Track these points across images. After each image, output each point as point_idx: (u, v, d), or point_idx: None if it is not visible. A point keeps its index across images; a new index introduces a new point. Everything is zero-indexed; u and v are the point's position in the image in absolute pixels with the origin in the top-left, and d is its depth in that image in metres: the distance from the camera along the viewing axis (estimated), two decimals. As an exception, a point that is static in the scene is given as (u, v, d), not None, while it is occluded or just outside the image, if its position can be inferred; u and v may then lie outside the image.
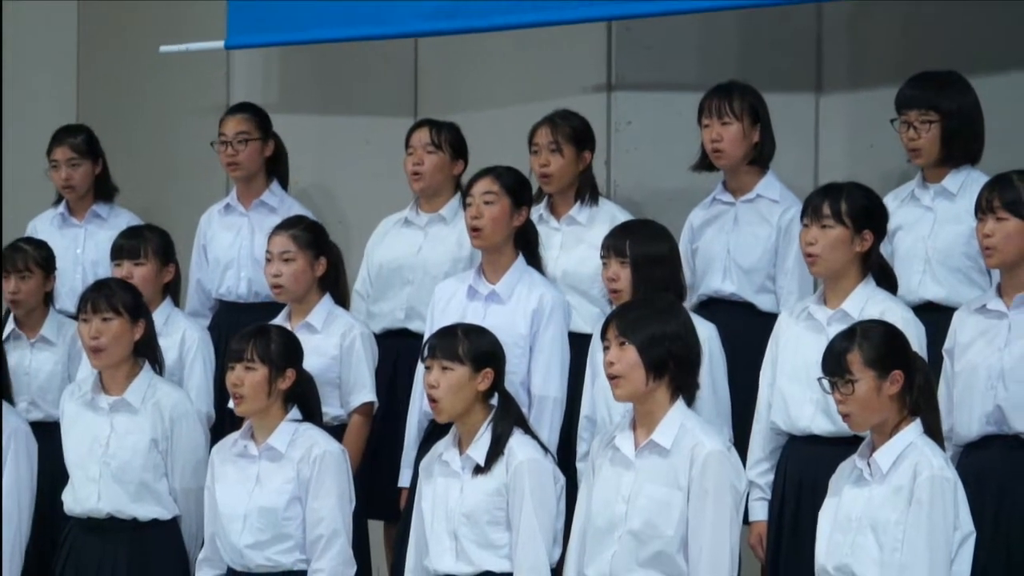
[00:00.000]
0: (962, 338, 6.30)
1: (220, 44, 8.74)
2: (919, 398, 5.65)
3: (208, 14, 8.75)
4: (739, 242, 7.25)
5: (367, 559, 7.03)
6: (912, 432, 5.60)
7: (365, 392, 7.35)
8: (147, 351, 6.97)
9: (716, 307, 7.13)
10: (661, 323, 5.85)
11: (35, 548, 7.20)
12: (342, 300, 7.48)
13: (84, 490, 6.86)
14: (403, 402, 7.25)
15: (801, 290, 7.02)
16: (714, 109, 7.24)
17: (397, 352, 7.51)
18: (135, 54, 9.26)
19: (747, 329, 6.95)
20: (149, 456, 6.85)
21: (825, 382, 5.68)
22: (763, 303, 7.20)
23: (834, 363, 5.63)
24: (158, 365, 7.02)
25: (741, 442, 6.48)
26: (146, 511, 6.84)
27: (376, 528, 7.57)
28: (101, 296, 6.92)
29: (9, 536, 6.94)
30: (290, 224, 7.46)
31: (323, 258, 7.37)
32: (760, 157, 7.28)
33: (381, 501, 7.22)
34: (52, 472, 7.06)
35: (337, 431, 6.97)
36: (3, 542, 6.92)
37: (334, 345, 7.29)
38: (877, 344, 5.63)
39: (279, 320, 7.22)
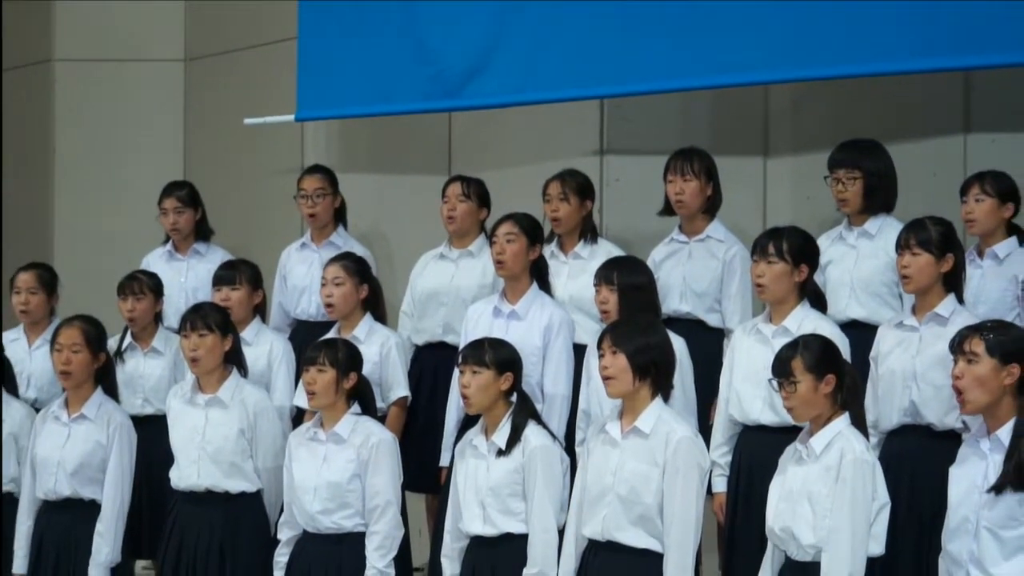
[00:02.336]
0: (884, 348, 6.30)
1: (291, 117, 8.70)
2: (847, 396, 5.62)
3: (289, 92, 8.72)
4: (693, 272, 7.20)
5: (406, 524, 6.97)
6: (841, 423, 5.57)
7: (400, 389, 7.36)
8: (235, 359, 6.96)
9: (675, 323, 7.01)
10: (646, 337, 5.87)
11: (148, 515, 7.25)
12: (381, 318, 7.45)
13: (186, 469, 6.85)
14: (442, 399, 7.23)
15: (742, 310, 7.00)
16: (678, 168, 7.21)
17: (437, 360, 7.47)
18: (230, 123, 9.20)
19: (699, 341, 6.87)
20: (237, 442, 6.82)
21: (774, 383, 5.66)
22: (711, 320, 7.16)
23: (781, 368, 5.61)
24: (243, 370, 6.99)
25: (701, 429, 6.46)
26: (236, 485, 6.82)
27: (421, 499, 7.60)
28: (198, 317, 6.92)
29: (115, 508, 6.95)
30: (341, 257, 7.48)
31: (366, 284, 7.37)
32: (711, 207, 7.25)
33: (426, 478, 7.20)
34: (161, 455, 7.02)
35: (379, 420, 6.89)
36: (106, 513, 6.92)
37: (375, 353, 7.26)
38: (815, 353, 5.60)
39: (331, 334, 7.20)
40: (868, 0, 7.04)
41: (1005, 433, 5.35)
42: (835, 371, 5.62)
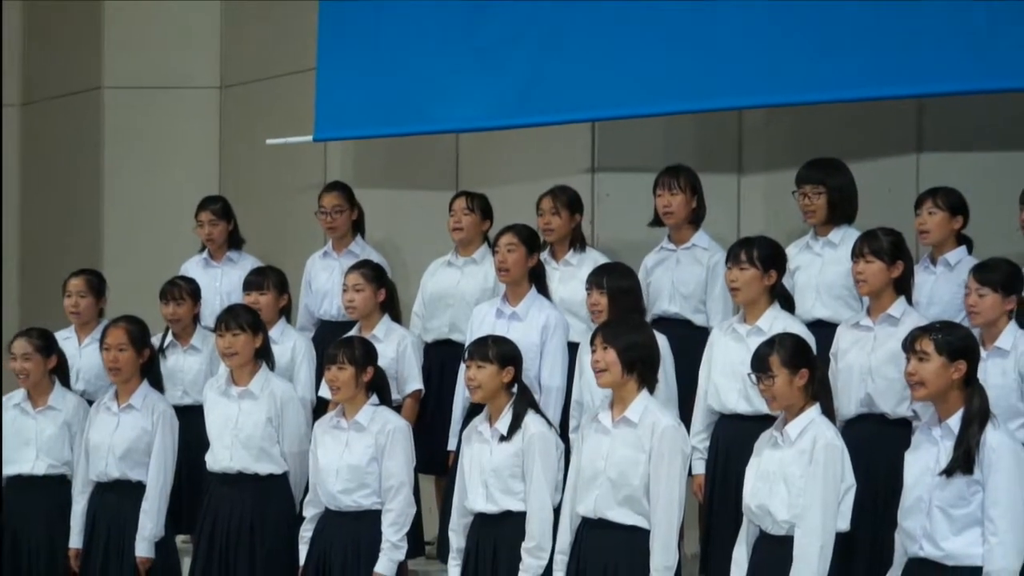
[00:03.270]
0: (842, 345, 6.29)
1: (310, 138, 8.67)
2: (818, 388, 5.61)
3: (312, 115, 8.68)
4: (680, 277, 7.18)
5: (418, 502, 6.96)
6: (813, 412, 5.56)
7: (415, 382, 7.34)
8: (264, 355, 6.96)
9: (664, 323, 7.02)
10: (635, 335, 5.88)
11: (187, 495, 7.21)
12: (397, 318, 7.43)
13: (220, 454, 6.85)
14: (449, 391, 7.21)
15: (724, 311, 6.97)
16: (666, 184, 7.19)
17: (444, 356, 7.44)
18: (260, 144, 9.17)
19: (686, 338, 6.86)
20: (266, 429, 6.82)
21: (752, 376, 5.64)
22: (697, 320, 7.13)
23: (759, 363, 5.60)
24: (271, 364, 6.98)
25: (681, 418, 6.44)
26: (264, 468, 6.83)
27: (432, 480, 7.59)
28: (231, 317, 6.92)
29: (157, 488, 6.95)
30: (360, 264, 7.46)
31: (383, 289, 7.35)
32: (696, 218, 7.22)
33: (435, 461, 7.17)
34: (199, 441, 7.01)
35: (395, 410, 6.87)
36: (150, 493, 6.93)
37: (392, 350, 7.24)
38: (790, 350, 5.59)
39: (352, 333, 7.19)
40: (831, 35, 7.03)
41: (954, 422, 5.33)
42: (808, 366, 5.61)
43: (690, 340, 6.82)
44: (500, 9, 7.95)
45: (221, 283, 8.24)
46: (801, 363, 5.58)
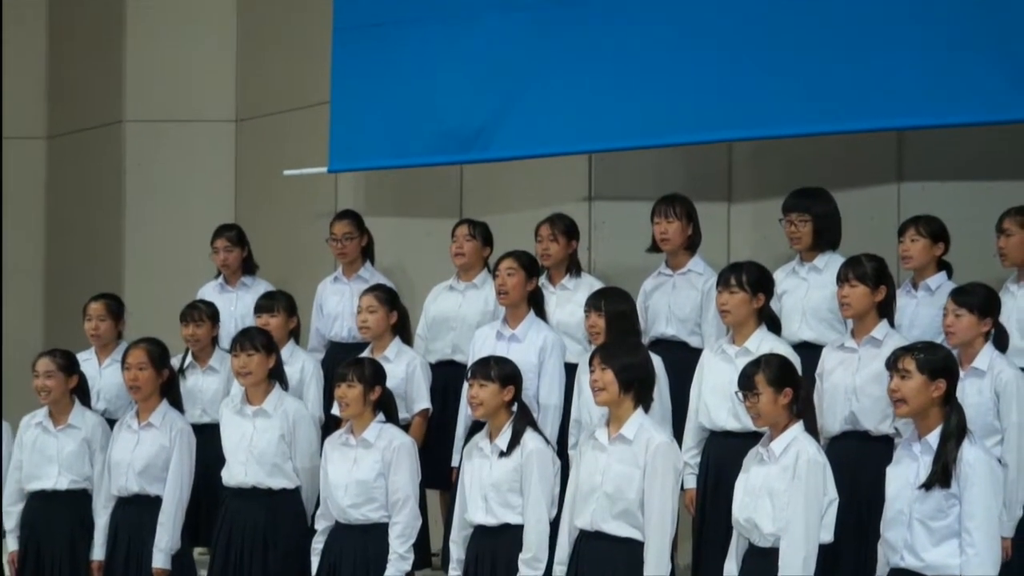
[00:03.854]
0: (828, 366, 6.29)
1: (324, 169, 8.68)
2: (802, 406, 5.63)
3: (323, 147, 8.70)
4: (677, 301, 7.18)
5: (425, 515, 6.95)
6: (797, 429, 5.57)
7: (423, 402, 7.31)
8: (277, 375, 6.94)
9: (661, 345, 7.05)
10: (631, 356, 5.89)
11: (205, 509, 7.18)
12: (408, 340, 7.43)
13: (235, 469, 6.83)
14: (452, 409, 7.21)
15: (718, 333, 6.93)
16: (662, 212, 7.20)
17: (446, 376, 7.43)
18: (273, 174, 9.19)
19: (682, 359, 6.87)
20: (279, 446, 6.79)
21: (739, 394, 5.66)
22: (693, 342, 7.13)
23: (746, 381, 5.62)
24: (284, 384, 6.97)
25: (676, 435, 6.42)
26: (277, 482, 6.80)
27: (435, 494, 7.54)
28: (246, 339, 6.91)
29: (173, 502, 6.93)
30: (375, 288, 7.45)
31: (395, 312, 7.34)
32: (691, 244, 7.23)
33: (439, 475, 7.16)
34: (215, 457, 7.00)
35: (403, 428, 6.90)
36: (167, 507, 6.91)
37: (402, 371, 7.23)
38: (775, 369, 5.61)
39: (365, 354, 7.16)
40: (814, 72, 7.05)
41: (934, 438, 5.35)
42: (792, 385, 5.62)
43: (686, 361, 6.80)
44: (504, 49, 7.96)
45: (236, 307, 8.22)
46: (785, 382, 5.60)
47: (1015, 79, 6.61)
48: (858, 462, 6.04)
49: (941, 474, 5.26)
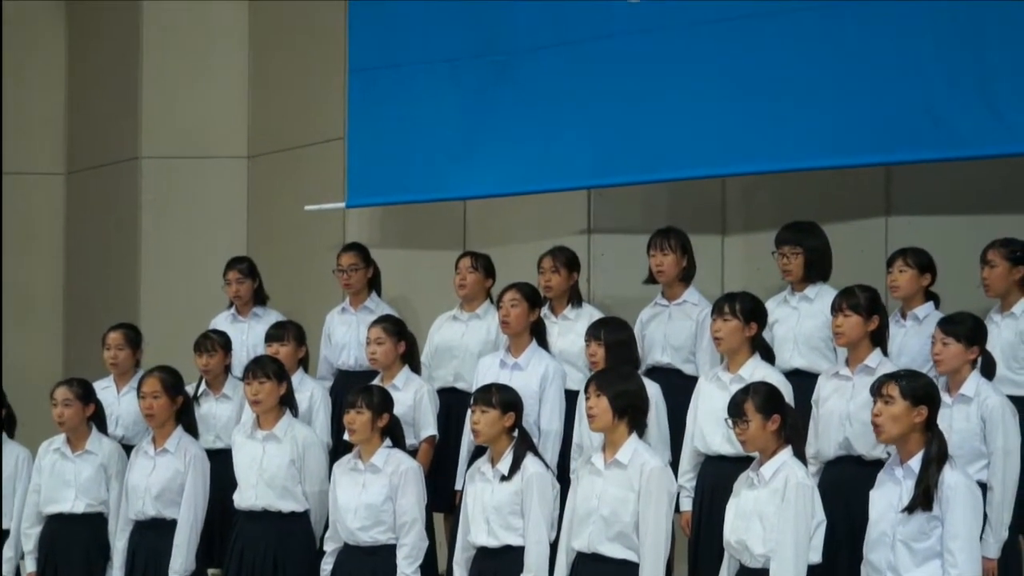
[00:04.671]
0: (823, 393, 6.30)
1: (342, 205, 8.73)
2: (790, 432, 5.65)
3: (332, 183, 8.76)
4: (672, 330, 7.18)
5: (432, 537, 6.97)
6: (785, 455, 5.60)
7: (430, 428, 7.32)
8: (287, 402, 6.96)
9: (657, 372, 7.04)
10: (625, 384, 5.91)
11: (218, 530, 7.17)
12: (416, 369, 7.44)
13: (247, 492, 6.85)
14: (454, 434, 7.24)
15: (712, 361, 6.94)
16: (658, 244, 7.21)
17: (449, 403, 7.43)
18: (284, 208, 9.25)
19: (677, 386, 6.87)
20: (289, 470, 6.82)
21: (729, 421, 5.68)
22: (688, 370, 7.12)
23: (735, 409, 5.65)
24: (294, 411, 7.00)
25: (674, 459, 6.50)
26: (287, 505, 6.82)
27: (440, 517, 7.52)
28: (258, 367, 6.93)
29: (188, 524, 6.95)
30: (383, 319, 7.48)
31: (403, 342, 7.36)
32: (686, 276, 7.23)
33: (443, 499, 7.18)
34: (230, 482, 7.01)
35: (411, 454, 6.91)
36: (181, 529, 6.92)
37: (409, 398, 7.24)
38: (763, 397, 5.64)
39: (375, 382, 7.19)
40: (806, 110, 7.08)
41: (915, 463, 5.38)
42: (780, 412, 5.64)
43: (681, 388, 6.81)
44: (507, 90, 8.01)
45: (247, 336, 8.24)
46: (773, 409, 5.63)
47: (998, 115, 6.61)
48: (852, 486, 6.02)
49: (923, 497, 5.28)
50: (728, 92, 7.28)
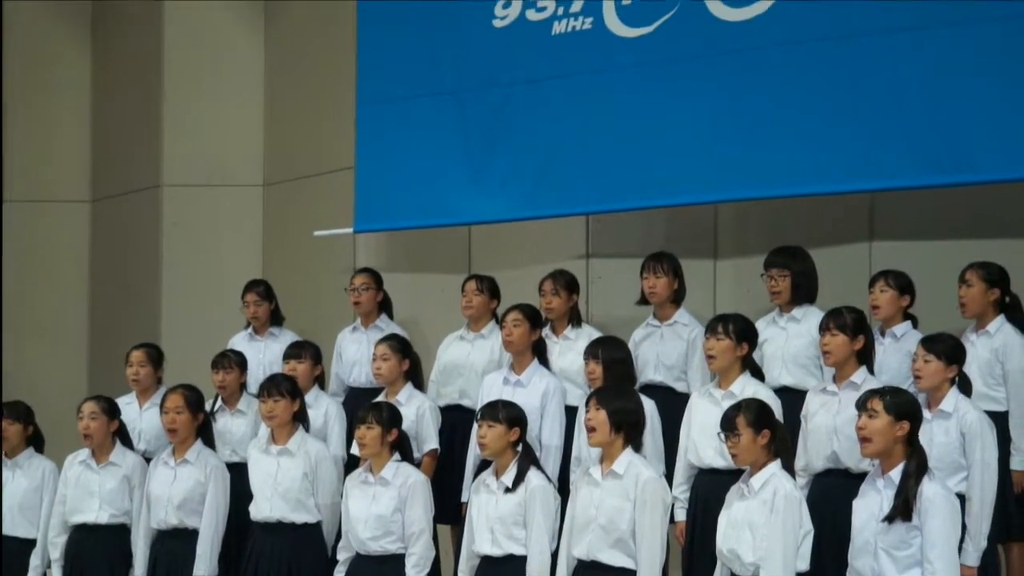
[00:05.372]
0: (811, 409, 6.30)
1: (350, 230, 8.73)
2: (779, 446, 5.68)
3: (343, 209, 8.78)
4: (664, 350, 7.18)
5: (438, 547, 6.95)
6: (774, 467, 5.64)
7: (432, 442, 7.32)
8: (301, 418, 6.99)
9: (650, 389, 7.01)
10: (623, 400, 5.96)
11: (234, 541, 7.18)
12: (419, 386, 7.45)
13: (262, 504, 6.88)
14: (460, 449, 7.24)
15: (703, 379, 6.96)
16: (651, 268, 7.21)
17: (455, 419, 7.43)
18: (298, 234, 9.24)
19: (669, 403, 6.86)
20: (302, 483, 6.84)
21: (722, 435, 5.72)
22: (679, 387, 7.11)
23: (728, 423, 5.69)
24: (307, 426, 7.02)
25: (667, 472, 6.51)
26: (301, 517, 6.84)
27: (447, 529, 7.53)
28: (273, 384, 6.97)
29: (210, 532, 6.97)
30: (389, 337, 7.49)
31: (407, 359, 7.37)
32: (677, 298, 7.24)
33: (450, 511, 7.18)
34: (244, 494, 7.05)
35: (416, 467, 6.89)
36: (203, 537, 6.95)
37: (413, 414, 7.20)
38: (754, 412, 5.67)
39: (380, 398, 7.21)
40: (793, 140, 7.09)
41: (896, 474, 5.41)
42: (769, 427, 5.67)
43: (672, 405, 6.80)
44: (507, 121, 8.03)
45: (264, 355, 8.25)
46: (764, 424, 5.66)
47: (977, 145, 6.62)
48: (839, 497, 5.99)
49: (902, 508, 5.32)
50: (719, 123, 7.30)
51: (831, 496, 6.05)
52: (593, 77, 7.73)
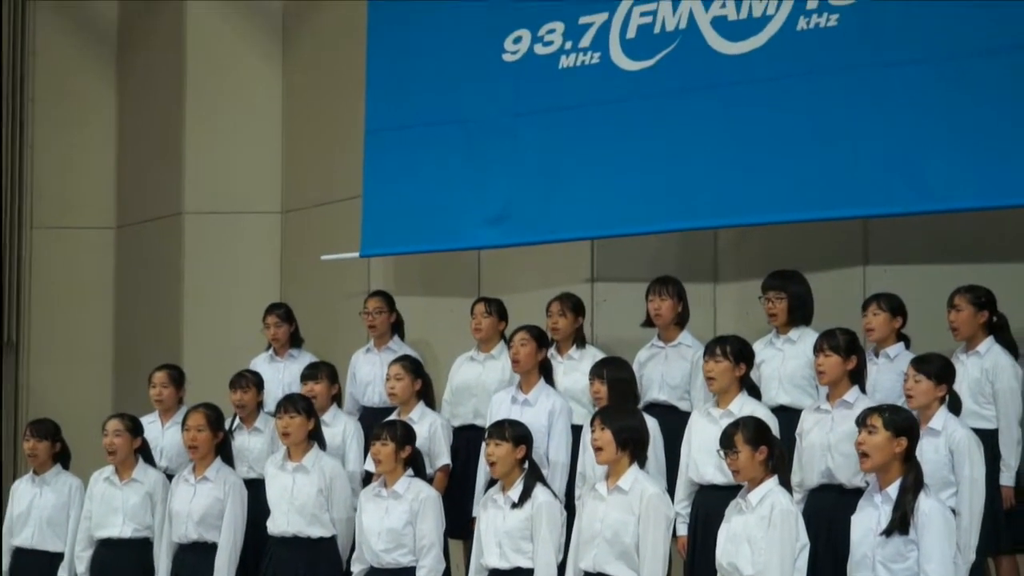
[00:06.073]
0: (806, 426, 6.31)
1: (356, 254, 8.72)
2: (776, 463, 5.68)
3: (357, 235, 8.75)
4: (668, 370, 7.19)
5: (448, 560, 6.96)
6: (771, 483, 5.63)
7: (444, 458, 7.33)
8: (316, 436, 6.99)
9: (654, 408, 7.03)
10: (627, 419, 5.96)
11: (251, 555, 7.17)
12: (431, 404, 7.44)
13: (279, 519, 6.87)
14: (474, 467, 7.21)
15: (705, 398, 6.91)
16: (656, 291, 7.22)
17: (469, 438, 7.42)
18: (314, 259, 9.23)
19: (672, 422, 6.85)
20: (317, 499, 6.83)
21: (721, 452, 5.71)
22: (682, 406, 7.11)
23: (726, 441, 5.68)
24: (322, 444, 7.01)
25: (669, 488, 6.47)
26: (316, 531, 6.83)
27: (458, 544, 7.54)
28: (289, 403, 6.97)
29: (227, 546, 6.97)
30: (402, 358, 7.49)
31: (419, 379, 7.38)
32: (681, 320, 7.25)
33: (461, 526, 7.15)
34: (261, 509, 7.05)
35: (429, 482, 6.90)
36: (222, 551, 6.95)
37: (425, 431, 7.21)
38: (752, 430, 5.67)
39: (392, 416, 7.21)
40: (790, 168, 7.12)
41: (893, 489, 5.41)
42: (766, 444, 5.67)
43: (676, 423, 6.79)
44: (513, 149, 8.04)
45: (283, 375, 8.25)
46: (761, 441, 5.66)
47: (967, 172, 6.64)
48: (833, 512, 6.04)
49: (900, 522, 5.31)
50: (719, 152, 7.32)
51: (825, 511, 6.06)
52: (598, 108, 7.76)
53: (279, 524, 6.85)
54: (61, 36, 10.52)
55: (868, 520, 5.43)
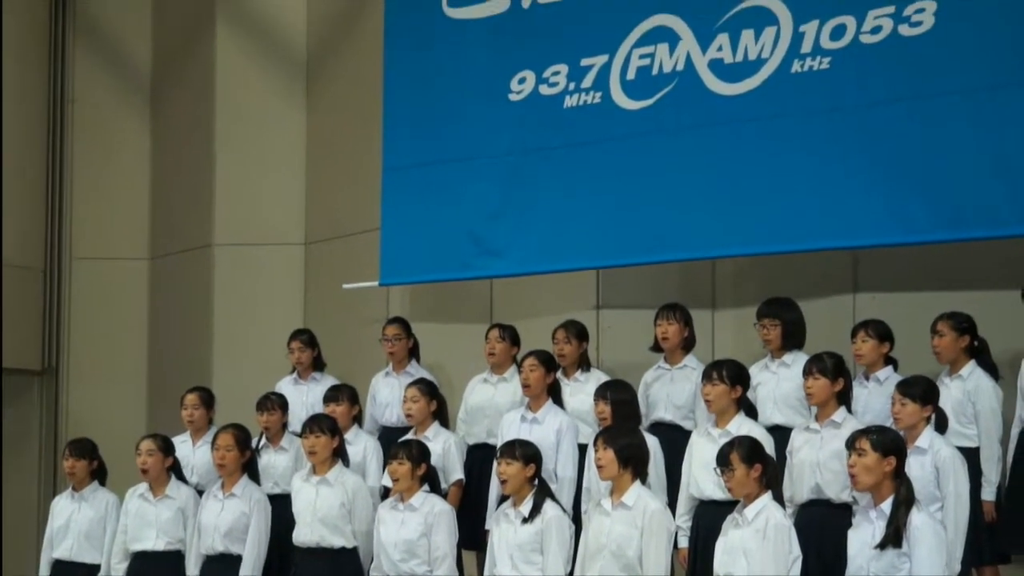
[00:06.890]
0: (796, 445, 6.30)
1: (376, 283, 8.73)
2: (770, 479, 5.69)
3: (376, 265, 8.76)
4: (674, 391, 7.17)
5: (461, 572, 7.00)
6: (766, 499, 5.65)
7: (457, 473, 7.35)
8: (340, 453, 7.00)
9: (660, 428, 7.03)
10: (628, 438, 5.98)
11: (277, 565, 7.18)
12: (445, 424, 7.46)
13: (304, 530, 6.87)
14: (486, 482, 7.21)
15: (709, 417, 6.84)
16: (665, 315, 7.21)
17: (483, 456, 7.40)
18: (336, 287, 9.22)
19: (677, 440, 6.84)
20: (340, 511, 6.83)
21: (718, 469, 5.73)
22: (687, 426, 7.08)
23: (723, 459, 5.70)
24: (345, 461, 7.02)
25: (671, 502, 6.49)
26: (338, 541, 6.83)
27: (472, 556, 7.52)
28: (314, 423, 6.98)
29: (251, 559, 6.99)
30: (418, 381, 7.52)
31: (435, 400, 7.41)
32: (687, 344, 7.24)
33: (475, 538, 7.15)
34: (287, 523, 7.05)
35: (443, 497, 6.93)
36: (247, 562, 6.96)
37: (440, 448, 7.24)
38: (747, 448, 5.69)
39: (409, 435, 7.24)
40: (784, 202, 7.13)
41: (887, 506, 5.44)
42: (761, 461, 5.69)
43: (681, 442, 6.75)
44: (522, 183, 8.07)
45: (307, 397, 8.24)
46: (756, 459, 5.68)
47: (949, 205, 6.68)
48: (822, 526, 6.04)
49: (893, 536, 5.33)
50: (716, 187, 7.33)
51: (815, 525, 6.05)
52: (600, 146, 7.77)
53: (303, 534, 6.85)
54: (98, 80, 10.54)
55: (864, 535, 5.44)
